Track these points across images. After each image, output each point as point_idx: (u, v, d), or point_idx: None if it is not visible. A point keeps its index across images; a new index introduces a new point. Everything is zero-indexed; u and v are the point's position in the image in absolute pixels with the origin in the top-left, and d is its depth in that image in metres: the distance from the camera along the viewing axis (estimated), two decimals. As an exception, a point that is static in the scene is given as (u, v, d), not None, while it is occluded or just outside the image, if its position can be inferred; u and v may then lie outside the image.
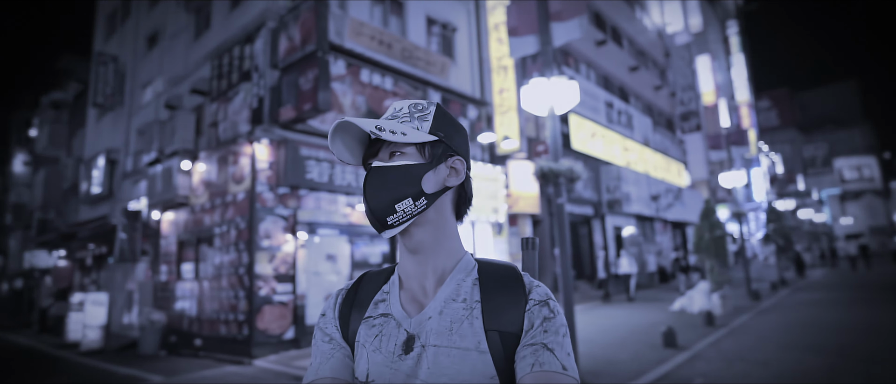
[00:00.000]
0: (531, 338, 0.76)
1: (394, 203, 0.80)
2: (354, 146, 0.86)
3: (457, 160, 0.86)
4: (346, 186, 9.47)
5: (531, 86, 6.32)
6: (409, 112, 0.87)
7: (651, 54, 26.37)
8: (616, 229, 20.80)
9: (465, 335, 0.76)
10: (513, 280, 0.82)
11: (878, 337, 7.54)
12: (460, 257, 0.86)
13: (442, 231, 0.85)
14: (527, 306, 0.79)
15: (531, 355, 0.74)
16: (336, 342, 0.84)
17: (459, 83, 12.68)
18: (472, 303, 0.79)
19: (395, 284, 0.86)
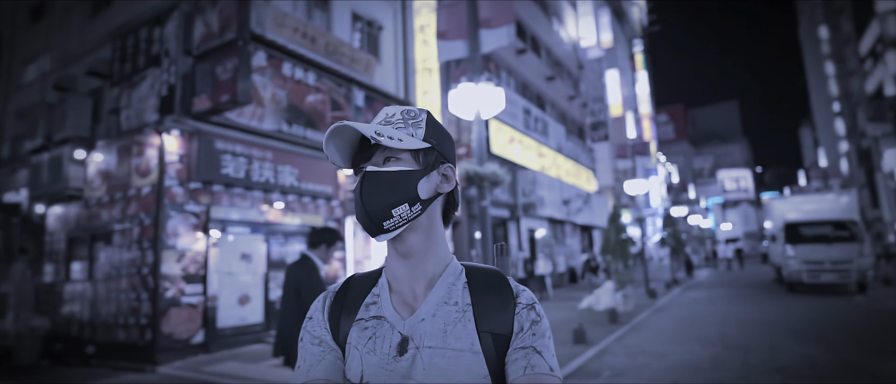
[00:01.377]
0: (521, 341, 0.80)
1: (390, 208, 0.82)
2: (344, 150, 0.87)
3: (448, 167, 0.89)
4: (264, 183, 9.09)
5: (459, 90, 6.46)
6: (402, 118, 0.88)
7: (566, 66, 27.79)
8: (530, 231, 21.69)
9: (460, 337, 0.79)
10: (500, 284, 0.86)
11: (752, 328, 8.52)
12: (448, 262, 0.89)
13: (432, 236, 0.87)
14: (516, 309, 0.83)
15: (523, 358, 0.79)
16: (326, 344, 0.84)
17: (384, 83, 12.61)
18: (464, 306, 0.83)
19: (384, 288, 0.87)
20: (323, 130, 10.29)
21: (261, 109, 8.99)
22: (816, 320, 9.18)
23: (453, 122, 15.42)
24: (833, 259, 13.40)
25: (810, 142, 76.00)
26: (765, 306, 11.66)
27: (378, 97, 12.09)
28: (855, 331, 7.91)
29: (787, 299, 12.84)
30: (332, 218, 10.73)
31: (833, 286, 14.67)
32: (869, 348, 6.65)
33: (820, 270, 13.51)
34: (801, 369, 5.68)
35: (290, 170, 9.61)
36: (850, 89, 44.59)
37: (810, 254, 13.73)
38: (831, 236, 14.00)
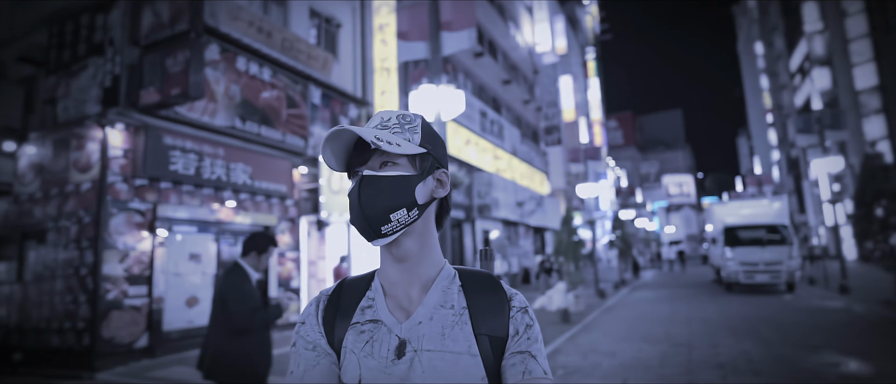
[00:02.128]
0: (518, 345, 0.83)
1: (389, 212, 0.82)
2: (340, 153, 0.86)
3: (442, 173, 0.90)
4: (216, 180, 8.77)
5: (420, 91, 6.47)
6: (399, 123, 0.88)
7: (522, 70, 28.29)
8: (485, 233, 21.94)
9: (458, 339, 0.80)
10: (494, 287, 0.88)
11: (695, 326, 8.97)
12: (442, 265, 0.89)
13: (427, 240, 0.88)
14: (510, 313, 0.85)
15: (521, 363, 0.81)
16: (321, 349, 0.84)
17: (342, 81, 12.44)
18: (460, 310, 0.84)
19: (379, 291, 0.87)
20: (278, 128, 10.05)
21: (213, 104, 8.68)
22: (752, 318, 9.76)
23: (411, 122, 15.40)
24: (766, 261, 14.30)
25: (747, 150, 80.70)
26: (706, 305, 12.28)
27: (335, 95, 11.92)
28: (785, 328, 8.47)
29: (725, 298, 13.57)
30: (286, 217, 10.49)
31: (766, 286, 15.63)
32: (797, 343, 7.13)
33: (755, 271, 14.38)
34: (739, 364, 6.03)
35: (243, 167, 9.32)
36: (782, 102, 47.67)
37: (746, 257, 14.59)
38: (765, 239, 14.93)
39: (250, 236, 3.22)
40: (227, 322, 2.95)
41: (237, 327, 2.93)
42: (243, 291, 2.98)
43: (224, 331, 2.98)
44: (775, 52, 48.07)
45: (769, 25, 49.30)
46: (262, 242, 3.19)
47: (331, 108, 11.75)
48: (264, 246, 3.18)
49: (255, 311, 2.95)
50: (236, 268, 3.10)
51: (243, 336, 2.96)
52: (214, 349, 3.02)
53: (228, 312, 2.94)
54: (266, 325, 3.06)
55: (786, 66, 43.66)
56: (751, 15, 58.23)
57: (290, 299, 10.41)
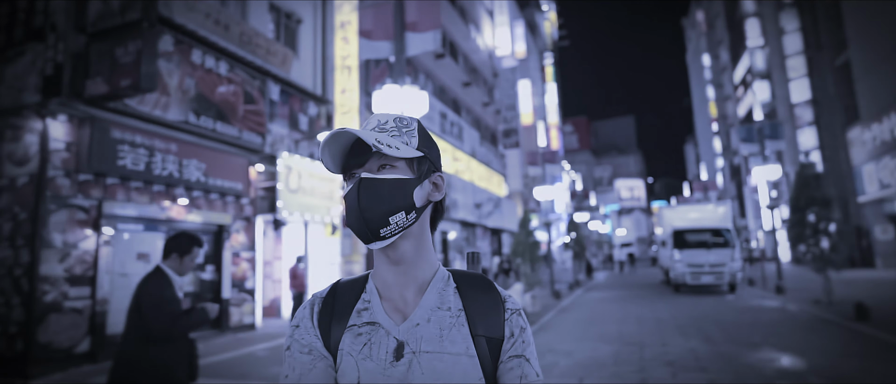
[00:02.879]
0: (514, 349, 0.85)
1: (388, 215, 0.82)
2: (336, 154, 0.86)
3: (438, 176, 0.91)
4: (167, 177, 8.42)
5: (384, 91, 6.44)
6: (396, 126, 0.88)
7: (482, 73, 28.56)
8: (443, 234, 22.01)
9: (456, 341, 0.82)
10: (489, 289, 0.89)
11: (646, 326, 9.33)
12: (436, 268, 0.90)
13: (423, 243, 0.89)
14: (506, 315, 0.87)
15: (517, 368, 0.83)
16: (317, 352, 0.83)
17: (301, 77, 12.20)
18: (457, 312, 0.85)
19: (374, 294, 0.87)
20: (234, 123, 9.76)
21: (166, 98, 8.34)
22: (698, 317, 10.23)
23: (371, 122, 15.28)
24: (711, 263, 15.02)
25: (694, 157, 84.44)
26: (656, 305, 12.77)
27: (294, 92, 11.68)
28: (728, 326, 8.92)
29: (674, 299, 14.16)
30: (241, 216, 10.20)
31: (710, 286, 16.40)
32: (739, 341, 7.54)
33: (701, 272, 15.08)
34: (687, 361, 6.31)
35: (197, 164, 8.99)
36: (726, 112, 50.19)
37: (693, 258, 15.28)
38: (710, 243, 15.69)
39: (172, 236, 2.92)
40: (142, 330, 2.70)
41: (156, 336, 2.69)
42: (162, 297, 2.73)
43: (138, 340, 2.72)
44: (721, 65, 50.56)
45: (715, 39, 51.80)
46: (186, 243, 2.91)
47: (290, 104, 11.51)
48: (187, 247, 2.90)
49: (175, 318, 2.72)
50: (156, 272, 2.84)
51: (163, 345, 2.73)
52: (127, 360, 2.75)
53: (145, 320, 2.69)
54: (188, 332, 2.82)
55: (730, 78, 45.99)
56: (699, 29, 61.02)
57: (244, 300, 10.11)
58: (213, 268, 9.63)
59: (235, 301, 9.91)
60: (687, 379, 5.51)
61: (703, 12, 56.50)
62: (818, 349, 6.81)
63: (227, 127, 9.55)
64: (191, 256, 2.91)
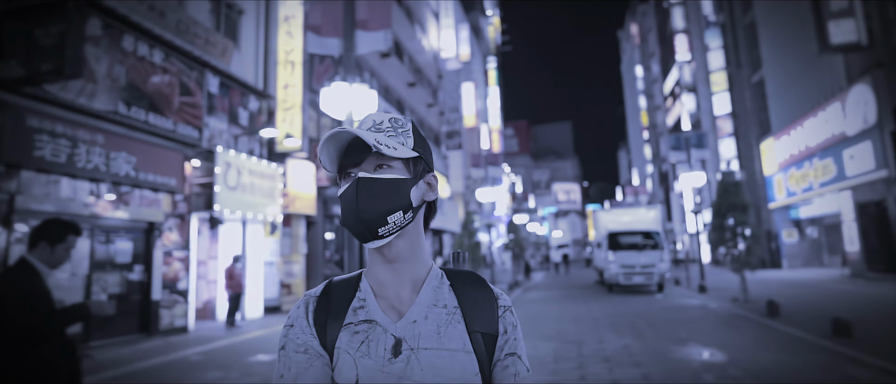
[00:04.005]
0: (508, 347, 0.88)
1: (386, 215, 0.83)
2: (333, 154, 0.86)
3: (432, 176, 0.93)
4: (92, 170, 7.86)
5: (332, 89, 6.34)
6: (392, 126, 0.89)
7: (427, 74, 28.64)
8: (386, 234, 21.86)
9: (453, 337, 0.84)
10: (482, 286, 0.92)
11: (583, 324, 9.72)
12: (430, 266, 0.92)
13: (418, 242, 0.90)
14: (499, 312, 0.90)
15: (512, 365, 0.87)
16: (313, 351, 0.83)
17: (242, 71, 11.75)
18: (453, 309, 0.87)
19: (369, 292, 0.88)
20: (169, 116, 9.25)
21: (92, 85, 7.78)
22: (630, 315, 10.77)
23: (314, 118, 14.95)
24: (642, 264, 15.86)
25: (626, 162, 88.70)
26: (591, 305, 13.32)
27: (235, 85, 11.24)
28: (657, 324, 9.47)
29: (608, 298, 14.83)
30: (174, 214, 9.68)
31: (641, 286, 17.31)
32: (668, 337, 8.02)
33: (632, 273, 15.88)
34: (622, 358, 6.65)
35: (127, 157, 8.45)
36: (656, 121, 53.15)
37: (626, 260, 16.07)
38: (641, 244, 16.56)
39: (42, 223, 2.57)
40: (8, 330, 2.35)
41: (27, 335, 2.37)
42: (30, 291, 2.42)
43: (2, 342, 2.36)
44: (652, 76, 53.48)
45: (648, 52, 54.74)
46: (57, 231, 2.55)
47: (230, 98, 11.06)
48: (59, 235, 2.54)
49: (48, 314, 2.41)
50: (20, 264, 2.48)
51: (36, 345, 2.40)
52: None
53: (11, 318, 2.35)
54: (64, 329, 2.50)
55: (660, 89, 48.75)
56: (633, 41, 64.24)
57: (176, 302, 9.60)
58: (141, 268, 9.08)
59: (166, 303, 9.39)
60: (622, 374, 5.80)
61: (637, 26, 59.55)
62: (737, 343, 7.37)
63: (160, 119, 9.04)
64: (64, 245, 2.56)
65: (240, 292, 10.62)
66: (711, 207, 13.67)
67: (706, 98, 34.18)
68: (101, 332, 8.10)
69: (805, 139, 20.69)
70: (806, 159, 20.67)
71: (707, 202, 24.96)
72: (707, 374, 5.68)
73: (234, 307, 10.47)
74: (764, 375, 5.57)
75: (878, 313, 9.39)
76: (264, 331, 9.90)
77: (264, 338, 9.08)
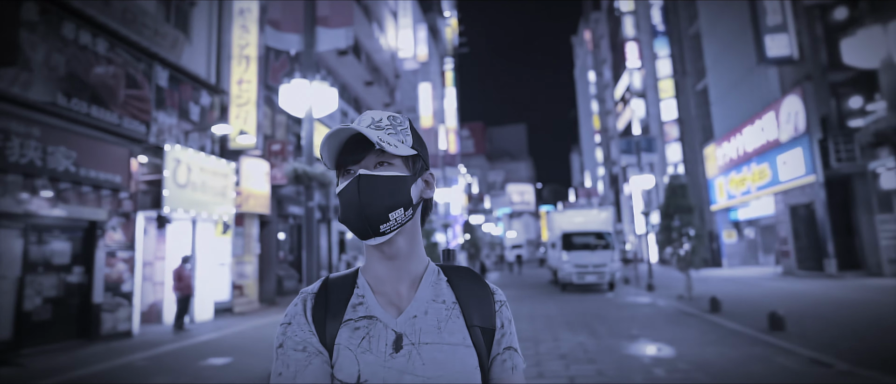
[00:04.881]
0: (505, 340, 0.90)
1: (388, 211, 0.83)
2: (333, 151, 0.87)
3: (429, 174, 0.94)
4: (26, 165, 7.36)
5: (291, 86, 6.21)
6: (391, 124, 0.90)
7: (384, 73, 28.46)
8: (341, 234, 21.56)
9: (454, 332, 0.85)
10: (478, 281, 0.94)
11: (539, 322, 9.93)
12: (427, 262, 0.93)
13: (415, 239, 0.91)
14: (496, 307, 0.92)
15: (509, 359, 0.89)
16: (312, 348, 0.82)
17: (194, 64, 11.30)
18: (451, 304, 0.88)
19: (367, 289, 0.88)
20: (114, 109, 8.79)
21: (27, 73, 7.29)
22: (584, 313, 11.09)
23: (269, 115, 14.58)
24: (594, 263, 16.35)
25: (578, 165, 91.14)
26: (547, 304, 13.62)
27: (185, 80, 10.80)
28: (609, 321, 9.80)
29: (562, 297, 15.19)
30: (119, 212, 9.20)
31: (593, 285, 17.84)
32: (620, 333, 8.32)
33: (585, 272, 16.35)
34: (577, 354, 6.84)
35: (66, 152, 7.97)
36: (607, 125, 54.91)
37: (579, 259, 16.51)
38: (593, 244, 17.07)
39: None
40: None
41: None
42: None
43: None
44: (604, 82, 55.20)
45: (600, 58, 56.47)
46: None
47: (180, 92, 10.62)
48: None
49: None
50: None
51: None
52: None
53: None
54: None
55: (612, 94, 50.39)
56: (586, 47, 66.11)
57: (119, 305, 9.12)
58: (82, 270, 8.58)
59: (108, 306, 8.91)
60: (578, 370, 5.97)
61: (591, 33, 61.32)
62: (684, 339, 7.73)
63: (104, 112, 8.58)
64: None
65: (189, 294, 10.21)
66: (659, 209, 14.26)
67: (654, 104, 35.63)
68: (34, 338, 7.60)
69: (744, 145, 21.93)
70: (744, 164, 21.91)
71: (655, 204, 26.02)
72: (658, 369, 5.93)
73: (183, 310, 10.06)
74: (709, 368, 5.87)
75: (807, 308, 10.07)
76: (216, 334, 9.56)
77: (216, 342, 8.78)
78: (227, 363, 7.04)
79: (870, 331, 7.54)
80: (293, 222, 17.94)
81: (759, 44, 18.39)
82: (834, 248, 16.77)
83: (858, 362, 5.75)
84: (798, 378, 5.37)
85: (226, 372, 6.59)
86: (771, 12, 18.33)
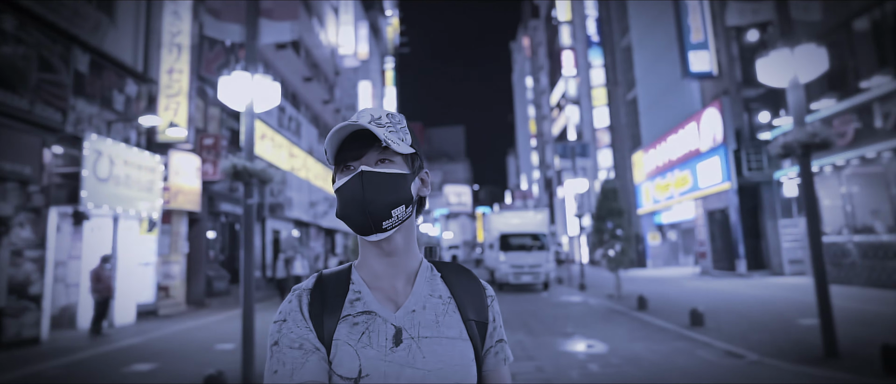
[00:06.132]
0: (497, 333, 0.94)
1: (390, 208, 0.84)
2: (335, 146, 0.87)
3: (425, 173, 0.95)
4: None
5: (232, 78, 5.96)
6: (390, 122, 0.90)
7: (324, 69, 27.85)
8: (275, 232, 20.86)
9: (451, 325, 0.87)
10: (470, 277, 0.97)
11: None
12: (420, 259, 0.95)
13: (411, 236, 0.92)
14: (488, 301, 0.96)
15: (501, 351, 0.94)
16: (309, 345, 0.81)
17: (119, 50, 10.55)
18: (447, 299, 0.91)
19: (362, 284, 0.89)
20: (23, 94, 8.04)
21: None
22: (521, 312, 11.40)
23: (201, 108, 13.86)
24: (530, 264, 16.84)
25: (515, 168, 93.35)
26: (483, 303, 13.88)
27: (109, 66, 10.07)
28: (545, 319, 10.14)
29: (499, 296, 15.43)
30: (28, 206, 8.42)
31: (528, 285, 18.35)
32: (555, 331, 8.63)
33: (521, 273, 16.79)
34: (517, 352, 7.03)
35: (-33, 140, 7.20)
36: (543, 130, 56.69)
37: (516, 260, 16.94)
38: (529, 246, 17.58)
39: None
40: None
41: None
42: None
43: None
44: (541, 88, 56.96)
45: (537, 65, 58.22)
46: None
47: (103, 79, 9.88)
48: None
49: None
50: None
51: None
52: None
53: None
54: None
55: (548, 100, 52.10)
56: (524, 53, 67.94)
57: (25, 309, 8.34)
58: (-17, 270, 7.77)
59: (12, 310, 8.13)
60: (518, 368, 6.14)
61: (529, 39, 63.08)
62: (615, 335, 8.14)
63: (11, 96, 7.83)
64: None
65: (108, 296, 9.51)
66: (591, 212, 14.92)
67: (588, 111, 37.21)
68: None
69: (668, 153, 23.38)
70: (668, 171, 23.37)
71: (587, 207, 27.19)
72: (592, 364, 6.22)
73: (101, 313, 9.36)
74: (639, 362, 6.23)
75: (722, 305, 10.90)
76: (138, 338, 8.98)
77: (139, 347, 8.24)
78: (152, 369, 6.63)
79: (774, 324, 8.29)
80: (225, 220, 17.16)
81: (683, 59, 19.70)
82: (744, 250, 18.26)
83: (765, 353, 6.32)
84: (716, 368, 5.81)
85: (151, 378, 6.21)
86: (694, 31, 19.70)
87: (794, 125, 6.46)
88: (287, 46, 20.20)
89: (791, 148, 6.30)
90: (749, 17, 6.75)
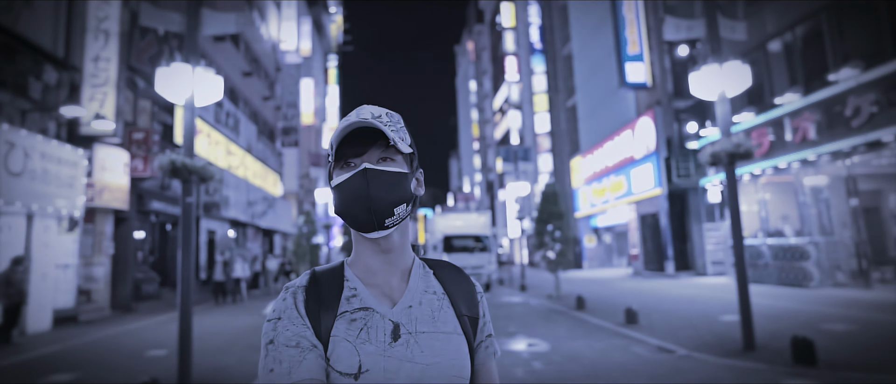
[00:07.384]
0: (486, 329, 0.97)
1: (393, 206, 0.86)
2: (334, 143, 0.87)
3: (420, 172, 0.97)
4: None
5: (171, 69, 5.66)
6: (390, 120, 0.90)
7: (264, 65, 26.94)
8: (210, 233, 19.93)
9: (446, 321, 0.90)
10: (461, 274, 0.99)
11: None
12: (413, 256, 0.96)
13: (406, 234, 0.94)
14: (478, 298, 0.99)
15: (491, 345, 0.98)
16: (306, 343, 0.81)
17: (35, 33, 9.72)
18: (441, 295, 0.93)
19: (357, 281, 0.89)
20: (-76, 78, 7.24)
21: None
22: (464, 313, 11.52)
23: (130, 100, 13.03)
24: (473, 265, 17.07)
25: (457, 170, 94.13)
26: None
27: (24, 50, 9.27)
28: (489, 320, 10.31)
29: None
30: (-74, 203, 7.59)
31: (470, 286, 18.59)
32: (499, 331, 8.79)
33: (464, 274, 17.01)
34: (462, 352, 7.11)
35: None
36: (486, 134, 57.58)
37: (459, 261, 17.12)
38: (472, 247, 17.82)
39: None
40: None
41: None
42: None
43: None
44: (484, 92, 57.83)
45: (481, 69, 59.06)
46: None
47: (16, 63, 9.08)
48: None
49: None
50: None
51: None
52: None
53: None
54: None
55: (491, 104, 52.98)
56: (468, 57, 68.73)
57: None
58: None
59: None
60: (464, 367, 6.22)
61: (473, 44, 63.90)
62: (556, 333, 8.42)
63: (-89, 80, 7.03)
64: None
65: (20, 302, 8.73)
66: (531, 216, 15.34)
67: (530, 116, 38.19)
68: None
69: (605, 159, 24.44)
70: (605, 176, 24.42)
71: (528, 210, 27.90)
72: (536, 362, 6.40)
73: (11, 320, 8.59)
74: (579, 359, 6.48)
75: (653, 303, 11.52)
76: (55, 347, 8.31)
77: (56, 356, 7.63)
78: (73, 380, 6.16)
79: (699, 321, 8.87)
80: (156, 220, 16.22)
81: (620, 70, 20.68)
82: (673, 252, 19.39)
83: (693, 347, 6.76)
84: (650, 363, 6.15)
85: (73, 389, 5.78)
86: (631, 43, 20.73)
87: (721, 136, 6.95)
88: (226, 39, 19.40)
89: (718, 157, 6.78)
90: (684, 32, 7.20)
